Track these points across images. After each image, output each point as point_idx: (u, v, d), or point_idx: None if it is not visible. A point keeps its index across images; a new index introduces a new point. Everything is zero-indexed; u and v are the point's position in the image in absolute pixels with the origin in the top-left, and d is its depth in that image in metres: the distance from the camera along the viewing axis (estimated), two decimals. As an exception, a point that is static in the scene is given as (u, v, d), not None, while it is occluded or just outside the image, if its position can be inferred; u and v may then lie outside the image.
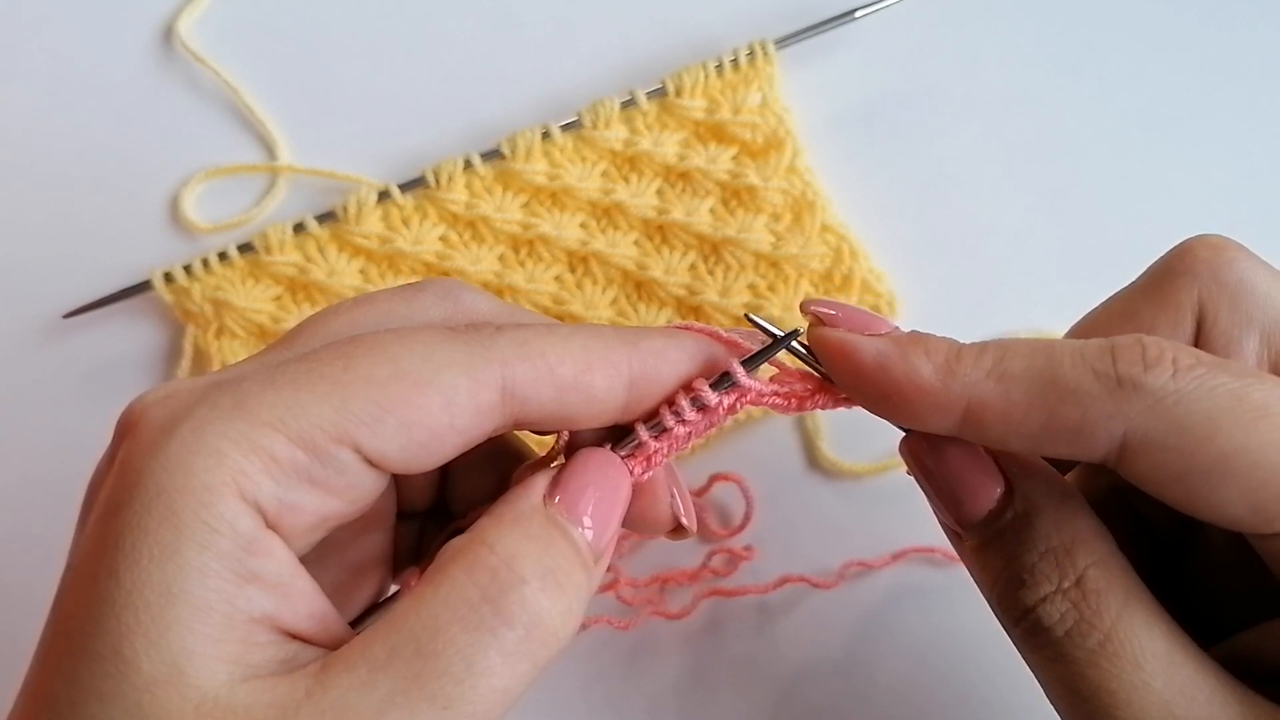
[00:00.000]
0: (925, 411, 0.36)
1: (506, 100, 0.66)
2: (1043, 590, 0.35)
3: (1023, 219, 0.64)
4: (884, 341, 0.36)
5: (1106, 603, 0.34)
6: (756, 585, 0.59)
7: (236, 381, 0.32)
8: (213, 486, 0.30)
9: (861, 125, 0.65)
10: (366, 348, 0.33)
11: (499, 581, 0.32)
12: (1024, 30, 0.66)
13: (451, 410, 0.33)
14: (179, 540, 0.30)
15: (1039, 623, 0.35)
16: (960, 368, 0.35)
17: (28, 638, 0.65)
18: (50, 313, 0.64)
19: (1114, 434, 0.33)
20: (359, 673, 0.30)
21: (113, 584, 0.30)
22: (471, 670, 0.31)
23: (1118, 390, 0.33)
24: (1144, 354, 0.33)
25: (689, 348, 0.38)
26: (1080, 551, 0.35)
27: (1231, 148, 0.64)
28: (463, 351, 0.33)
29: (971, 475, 0.37)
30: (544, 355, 0.34)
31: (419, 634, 0.31)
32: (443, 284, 0.39)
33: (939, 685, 0.57)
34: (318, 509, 0.33)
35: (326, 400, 0.32)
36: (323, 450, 0.32)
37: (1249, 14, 0.66)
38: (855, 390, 0.37)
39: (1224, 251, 0.38)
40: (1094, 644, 0.34)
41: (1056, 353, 0.34)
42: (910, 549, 0.59)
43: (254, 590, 0.31)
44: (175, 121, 0.67)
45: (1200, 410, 0.32)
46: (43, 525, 0.62)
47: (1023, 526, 0.36)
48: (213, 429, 0.31)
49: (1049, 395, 0.33)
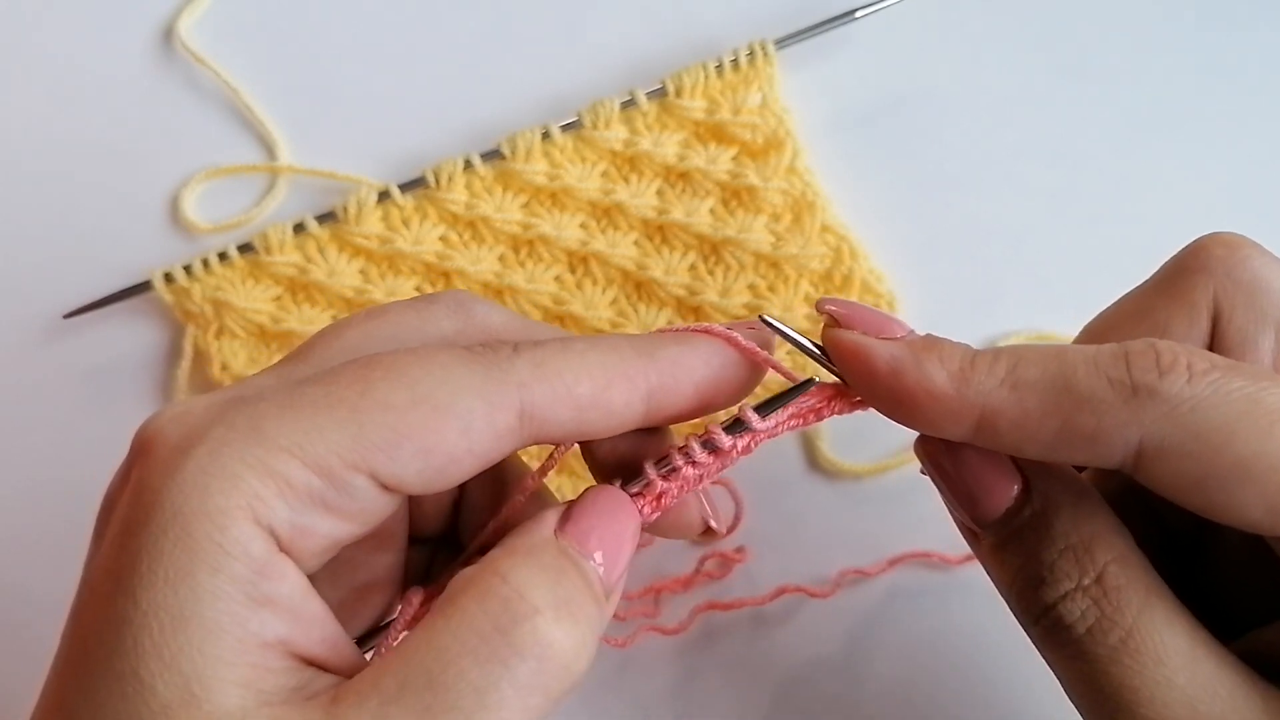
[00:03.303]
0: (939, 419, 0.35)
1: (506, 100, 0.66)
2: (1063, 587, 0.35)
3: (1023, 219, 0.64)
4: (898, 346, 0.36)
5: (1128, 599, 0.34)
6: (753, 598, 0.58)
7: (253, 402, 0.32)
8: (227, 510, 0.30)
9: (861, 125, 0.65)
10: (384, 371, 0.33)
11: (511, 612, 0.31)
12: (1024, 30, 0.66)
13: (469, 435, 0.33)
14: (193, 563, 0.30)
15: (1060, 620, 0.35)
16: (974, 375, 0.34)
17: (29, 634, 0.65)
18: (50, 313, 0.64)
19: (1130, 441, 0.33)
20: (370, 705, 0.30)
21: (129, 604, 0.30)
22: (483, 704, 0.30)
23: (1133, 398, 0.32)
24: (1158, 360, 0.33)
25: (706, 355, 0.37)
26: (1100, 548, 0.35)
27: (1232, 148, 0.64)
28: (480, 375, 0.33)
29: (988, 473, 0.37)
30: (561, 375, 0.34)
31: (430, 666, 0.31)
32: (455, 297, 0.39)
33: (937, 691, 0.57)
34: (330, 532, 0.33)
35: (343, 426, 0.31)
36: (338, 476, 0.32)
37: (1249, 14, 0.66)
38: (869, 394, 0.37)
39: (1239, 249, 0.38)
40: (1115, 641, 0.34)
41: (1070, 359, 0.34)
42: (907, 554, 0.58)
43: (267, 614, 0.31)
44: (175, 121, 0.67)
45: (1216, 416, 0.32)
46: (43, 525, 0.62)
47: (1041, 524, 0.36)
48: (229, 451, 0.31)
49: (1063, 403, 0.33)
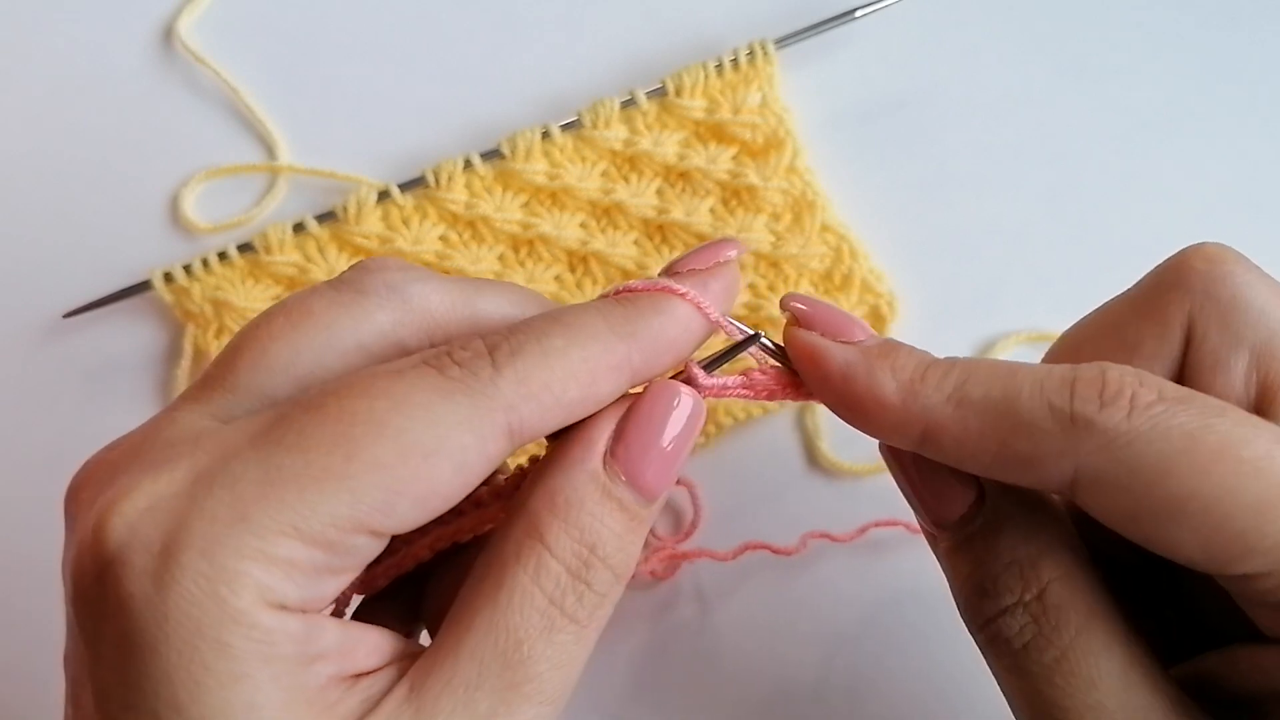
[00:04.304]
0: (886, 427, 0.36)
1: (506, 100, 0.66)
2: (1004, 601, 0.35)
3: (1023, 219, 0.64)
4: (853, 351, 0.36)
5: (1066, 619, 0.34)
6: (718, 551, 0.58)
7: (228, 484, 0.30)
8: (245, 610, 0.30)
9: (861, 125, 0.65)
10: (364, 426, 0.31)
11: (562, 587, 0.34)
12: (1024, 30, 0.66)
13: (463, 471, 0.32)
14: (243, 665, 0.30)
15: (999, 633, 0.35)
16: (923, 389, 0.35)
17: (24, 636, 0.65)
18: (50, 313, 0.64)
19: (1065, 470, 0.33)
20: (458, 693, 0.32)
21: (179, 716, 0.29)
22: (553, 664, 0.33)
23: (1070, 427, 0.32)
24: (1103, 389, 0.33)
25: (685, 323, 0.37)
26: (1045, 565, 0.35)
27: (1232, 148, 0.64)
28: (465, 406, 0.32)
29: (945, 479, 0.37)
30: (549, 388, 0.33)
31: (502, 647, 0.33)
32: (383, 279, 0.37)
33: (913, 671, 0.57)
34: (336, 590, 0.33)
35: (335, 497, 0.30)
36: (338, 545, 0.31)
37: (1249, 14, 0.66)
38: (822, 395, 0.38)
39: (1220, 264, 0.37)
40: (1050, 660, 0.34)
41: (1018, 381, 0.34)
42: (881, 522, 0.58)
43: (319, 665, 0.31)
44: (175, 121, 0.67)
45: (1152, 452, 0.31)
46: (42, 524, 0.62)
47: (990, 534, 0.36)
48: (224, 550, 0.30)
49: (1002, 426, 0.33)
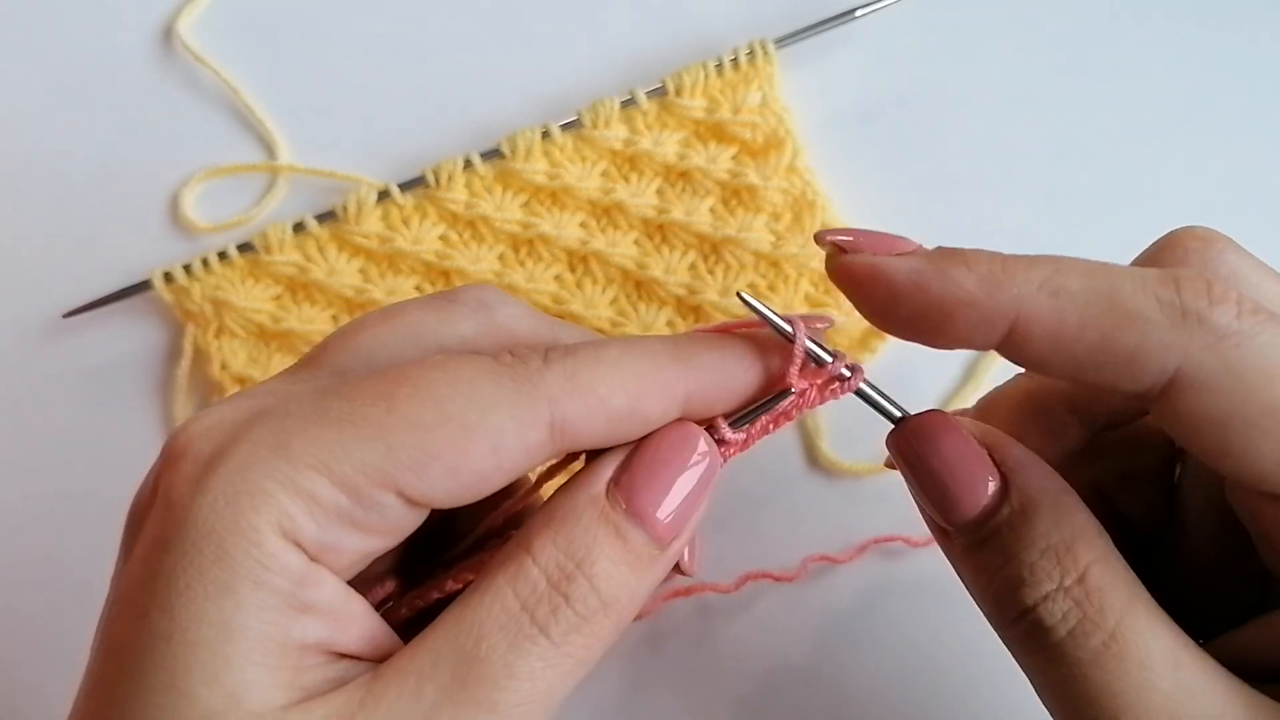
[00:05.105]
0: (968, 329, 0.33)
1: (506, 100, 0.66)
2: (1044, 589, 0.34)
3: (1023, 219, 0.64)
4: (915, 259, 0.34)
5: (1110, 601, 0.33)
6: (718, 584, 0.58)
7: (279, 416, 0.32)
8: (259, 526, 0.30)
9: (861, 125, 0.65)
10: (411, 387, 0.32)
11: (538, 594, 0.32)
12: (1024, 30, 0.66)
13: (499, 454, 0.32)
14: (234, 579, 0.30)
15: (1039, 623, 0.34)
16: (1008, 279, 0.33)
17: (25, 636, 0.65)
18: (50, 313, 0.64)
19: (1167, 366, 0.31)
20: (409, 682, 0.31)
21: (166, 619, 0.30)
22: (513, 675, 0.32)
23: (1181, 320, 0.31)
24: (1209, 289, 0.32)
25: (746, 361, 0.36)
26: (1081, 548, 0.34)
27: (1232, 147, 0.64)
28: (509, 389, 0.32)
29: (965, 469, 0.35)
30: (595, 389, 0.33)
31: (463, 642, 0.32)
32: (479, 295, 0.38)
33: (911, 681, 0.57)
34: (359, 547, 0.33)
35: (371, 445, 0.31)
36: (365, 495, 0.31)
37: (1249, 14, 0.66)
38: (890, 319, 0.35)
39: (1213, 243, 0.37)
40: (1098, 644, 0.33)
41: (1116, 274, 0.32)
42: (881, 539, 0.58)
43: (308, 620, 0.31)
44: (175, 121, 0.67)
45: (1260, 357, 0.31)
46: (43, 524, 0.62)
47: (1021, 523, 0.35)
48: (258, 468, 0.31)
49: (1107, 317, 0.32)
